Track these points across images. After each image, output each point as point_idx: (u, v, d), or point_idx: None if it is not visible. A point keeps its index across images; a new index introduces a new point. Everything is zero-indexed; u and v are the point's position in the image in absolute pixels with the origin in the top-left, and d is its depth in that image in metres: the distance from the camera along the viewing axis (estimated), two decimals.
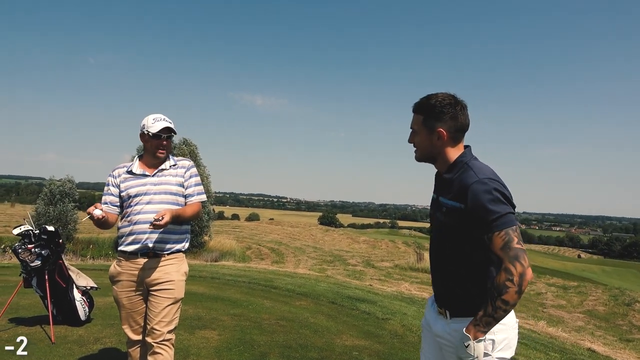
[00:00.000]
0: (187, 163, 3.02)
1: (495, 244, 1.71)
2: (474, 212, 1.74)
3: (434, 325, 2.00)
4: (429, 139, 1.94)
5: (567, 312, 15.35)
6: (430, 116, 1.92)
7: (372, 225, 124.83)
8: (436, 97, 1.92)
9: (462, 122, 1.93)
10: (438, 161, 1.98)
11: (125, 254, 2.83)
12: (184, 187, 2.95)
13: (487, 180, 1.76)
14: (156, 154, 2.88)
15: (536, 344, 5.83)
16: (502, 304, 1.68)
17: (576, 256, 75.86)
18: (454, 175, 1.89)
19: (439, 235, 1.96)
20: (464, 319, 1.83)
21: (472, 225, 1.77)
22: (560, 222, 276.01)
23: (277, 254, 29.66)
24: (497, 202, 1.73)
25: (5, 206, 51.90)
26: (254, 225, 52.81)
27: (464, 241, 1.83)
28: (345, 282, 11.26)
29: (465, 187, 1.78)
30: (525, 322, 8.71)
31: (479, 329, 1.73)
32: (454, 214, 1.83)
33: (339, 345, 4.60)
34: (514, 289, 1.66)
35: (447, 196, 1.89)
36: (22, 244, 4.40)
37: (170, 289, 2.82)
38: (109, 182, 2.92)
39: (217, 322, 5.13)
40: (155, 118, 2.86)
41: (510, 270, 1.66)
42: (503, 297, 1.67)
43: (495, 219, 1.70)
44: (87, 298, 4.82)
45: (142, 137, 2.91)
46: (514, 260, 1.67)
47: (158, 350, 2.79)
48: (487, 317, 1.71)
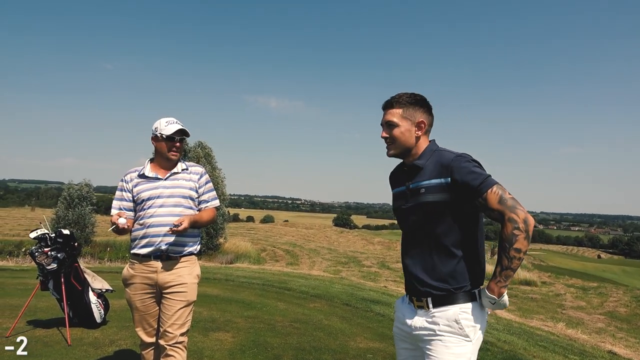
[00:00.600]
0: (199, 169, 3.03)
1: (491, 200, 1.81)
2: (462, 181, 1.85)
3: (411, 321, 1.98)
4: (409, 130, 2.03)
5: (587, 314, 15.06)
6: (410, 109, 2.03)
7: (386, 226, 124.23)
8: (408, 93, 2.06)
9: (433, 118, 2.09)
10: (411, 153, 2.06)
11: (139, 256, 2.84)
12: (198, 192, 2.96)
13: (463, 154, 1.93)
14: (169, 156, 2.89)
15: (555, 347, 5.71)
16: (515, 252, 1.76)
17: (596, 256, 74.56)
18: (426, 161, 2.00)
19: (417, 220, 1.98)
20: (445, 307, 1.89)
21: (461, 194, 1.86)
22: (579, 222, 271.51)
23: (291, 256, 29.71)
24: (478, 168, 1.89)
25: (26, 210, 52.96)
26: (268, 227, 53.02)
27: (447, 215, 1.89)
28: (360, 283, 11.21)
29: (447, 162, 1.90)
30: (544, 324, 8.56)
31: (501, 284, 1.82)
32: (436, 190, 1.90)
33: (353, 348, 4.57)
34: (523, 235, 1.75)
35: (422, 179, 1.97)
36: (39, 247, 4.46)
37: (183, 292, 2.82)
38: (121, 187, 2.93)
39: (231, 324, 5.14)
40: (168, 121, 2.88)
41: (513, 219, 1.76)
42: (515, 246, 1.76)
43: (483, 181, 1.83)
44: (102, 301, 4.86)
45: (154, 140, 2.91)
46: (514, 209, 1.77)
47: (171, 353, 2.79)
48: (505, 269, 1.80)
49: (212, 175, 23.37)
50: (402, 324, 2.04)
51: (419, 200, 1.95)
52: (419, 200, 1.95)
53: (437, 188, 1.90)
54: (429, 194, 1.92)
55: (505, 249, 1.77)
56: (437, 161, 1.95)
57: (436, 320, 1.89)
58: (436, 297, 1.91)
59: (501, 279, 1.82)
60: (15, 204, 75.25)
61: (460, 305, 1.88)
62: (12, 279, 7.72)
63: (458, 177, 1.85)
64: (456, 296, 1.89)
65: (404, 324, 2.03)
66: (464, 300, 1.89)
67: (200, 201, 2.97)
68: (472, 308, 1.89)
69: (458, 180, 1.85)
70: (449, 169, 1.88)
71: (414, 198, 1.98)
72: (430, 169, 1.95)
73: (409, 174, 2.05)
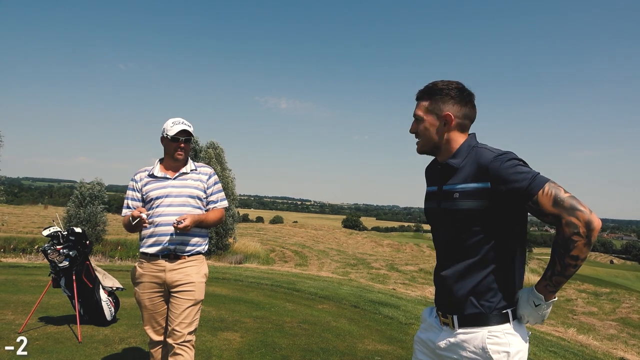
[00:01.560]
0: (208, 170, 3.07)
1: (544, 203, 1.55)
2: (505, 184, 1.60)
3: (437, 338, 1.78)
4: (434, 125, 1.80)
5: (599, 320, 14.87)
6: (437, 100, 1.79)
7: (396, 228, 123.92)
8: (443, 82, 1.80)
9: (470, 109, 1.81)
10: (442, 150, 1.82)
11: (147, 255, 2.87)
12: (207, 193, 2.99)
13: (505, 152, 1.66)
14: (174, 156, 2.93)
15: (566, 352, 5.65)
16: (571, 260, 1.52)
17: (608, 262, 73.63)
18: (462, 160, 1.74)
19: (448, 228, 1.77)
20: (473, 329, 1.67)
21: (506, 200, 1.61)
22: None
23: (300, 257, 29.73)
24: (523, 167, 1.62)
25: (39, 208, 53.61)
26: (277, 228, 53.09)
27: (481, 224, 1.67)
28: (369, 285, 11.18)
29: (485, 164, 1.65)
30: (555, 330, 8.46)
31: (550, 289, 1.60)
32: (472, 196, 1.67)
33: (361, 350, 4.55)
34: (582, 242, 1.49)
35: (456, 181, 1.73)
36: (51, 244, 4.52)
37: (191, 291, 2.85)
38: (131, 187, 2.98)
39: (239, 324, 5.16)
40: (174, 122, 2.92)
41: (572, 222, 1.49)
42: (572, 253, 1.51)
43: (532, 180, 1.57)
44: (113, 299, 4.90)
45: (162, 141, 2.97)
46: (573, 211, 1.50)
47: (179, 352, 2.81)
48: (557, 275, 1.57)
49: (223, 176, 23.49)
50: (426, 337, 1.85)
51: (451, 206, 1.73)
52: (451, 206, 1.73)
53: (474, 194, 1.66)
54: (463, 200, 1.69)
55: (560, 255, 1.54)
56: (475, 161, 1.70)
57: (462, 345, 1.67)
58: (463, 316, 1.69)
59: (550, 283, 1.59)
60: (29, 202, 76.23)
61: (489, 328, 1.64)
62: (25, 276, 7.83)
63: (500, 180, 1.60)
64: (486, 317, 1.65)
65: (428, 338, 1.83)
66: (495, 322, 1.64)
67: (209, 202, 3.00)
68: (505, 331, 1.64)
69: (501, 184, 1.60)
70: (489, 172, 1.63)
71: (446, 202, 1.75)
72: (466, 170, 1.71)
73: (442, 174, 1.82)
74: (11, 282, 7.09)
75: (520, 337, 1.66)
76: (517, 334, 1.65)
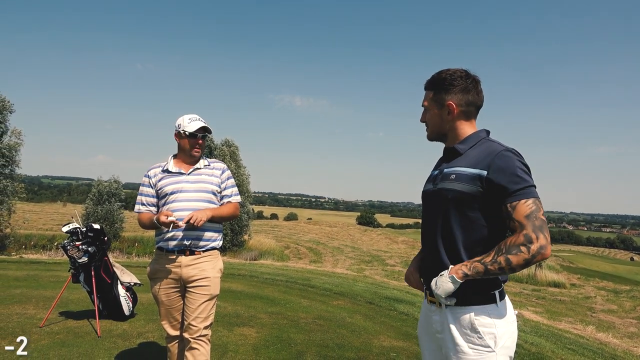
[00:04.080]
0: (221, 165, 3.08)
1: (519, 211, 1.59)
2: (500, 178, 1.62)
3: (431, 321, 1.82)
4: (439, 114, 1.86)
5: (619, 318, 14.60)
6: (440, 90, 1.84)
7: (411, 225, 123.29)
8: (447, 71, 1.85)
9: (474, 96, 1.83)
10: (449, 138, 1.88)
11: (163, 251, 2.89)
12: (220, 188, 3.01)
13: (514, 150, 1.70)
14: (192, 152, 2.94)
15: (584, 350, 5.56)
16: (504, 261, 1.55)
17: (629, 259, 72.22)
18: (468, 147, 1.79)
19: (438, 208, 1.78)
20: (460, 308, 1.70)
21: (490, 193, 1.65)
22: (611, 223, 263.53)
23: (315, 254, 29.78)
24: (525, 173, 1.65)
25: (58, 205, 54.57)
26: (292, 224, 53.22)
27: (473, 208, 1.69)
28: (384, 282, 11.15)
29: (492, 154, 1.68)
30: (573, 327, 8.34)
31: (463, 269, 1.62)
32: (467, 180, 1.69)
33: (377, 346, 4.55)
34: (525, 256, 1.53)
35: (458, 164, 1.77)
36: (71, 241, 4.60)
37: (206, 286, 2.86)
38: (145, 183, 2.98)
39: (255, 320, 5.19)
40: (191, 118, 2.93)
41: (531, 237, 1.54)
42: (509, 256, 1.55)
43: (524, 187, 1.61)
44: (130, 294, 4.97)
45: (177, 136, 2.97)
46: (537, 231, 1.55)
47: (195, 346, 2.85)
48: (480, 263, 1.60)
49: (237, 173, 23.61)
50: (426, 322, 1.89)
51: (445, 185, 1.75)
52: (445, 186, 1.75)
53: (470, 178, 1.68)
54: (458, 182, 1.71)
55: (499, 250, 1.58)
56: (482, 149, 1.73)
57: (451, 324, 1.71)
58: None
59: (469, 265, 1.61)
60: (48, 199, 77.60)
61: (476, 308, 1.68)
62: (45, 272, 7.98)
63: (498, 173, 1.63)
64: (470, 297, 1.68)
65: (427, 323, 1.88)
66: (481, 301, 1.68)
67: (223, 196, 3.02)
68: (491, 311, 1.68)
69: (496, 176, 1.63)
70: (493, 161, 1.65)
71: (443, 182, 1.77)
72: (471, 157, 1.74)
73: (446, 156, 1.88)
74: (32, 277, 7.24)
75: (506, 318, 1.70)
76: (502, 315, 1.70)
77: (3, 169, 18.95)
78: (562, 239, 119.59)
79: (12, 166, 19.48)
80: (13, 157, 19.32)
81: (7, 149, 18.94)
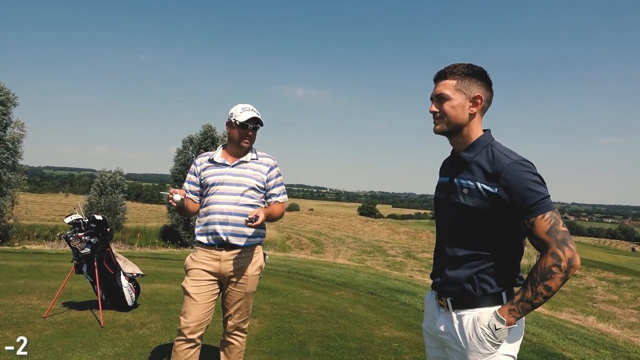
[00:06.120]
0: (271, 161, 2.95)
1: (539, 227, 1.57)
2: (513, 195, 1.60)
3: (437, 321, 1.83)
4: (462, 105, 1.76)
5: (620, 308, 14.65)
6: (466, 80, 1.76)
7: (412, 216, 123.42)
8: (465, 64, 1.79)
9: (491, 94, 1.81)
10: (461, 134, 1.80)
11: (202, 244, 2.80)
12: (267, 185, 2.90)
13: (522, 161, 1.64)
14: (241, 143, 2.84)
15: (585, 340, 5.59)
16: (544, 289, 1.55)
17: (630, 249, 72.27)
18: (474, 156, 1.74)
19: (452, 218, 1.78)
20: (467, 310, 1.70)
21: (506, 209, 1.63)
22: (612, 214, 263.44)
23: (316, 244, 29.86)
24: (537, 184, 1.60)
25: (61, 196, 54.77)
26: (294, 215, 53.32)
27: (489, 224, 1.68)
28: (385, 273, 11.19)
29: (499, 169, 1.64)
30: (574, 317, 8.37)
31: (514, 314, 1.61)
32: (478, 196, 1.67)
33: (379, 337, 4.57)
34: (560, 275, 1.53)
35: (467, 177, 1.73)
36: (73, 232, 4.60)
37: (243, 284, 2.81)
38: (192, 171, 2.92)
39: (257, 311, 5.21)
40: (244, 107, 2.83)
41: (558, 255, 1.53)
42: (547, 282, 1.54)
43: (538, 202, 1.58)
44: (133, 284, 4.99)
45: (228, 126, 2.87)
46: (562, 245, 1.54)
47: (229, 339, 2.89)
48: (525, 302, 1.59)
49: None
50: (430, 321, 1.89)
51: (458, 199, 1.74)
52: (458, 200, 1.74)
53: (481, 194, 1.67)
54: (469, 197, 1.70)
55: (534, 281, 1.56)
56: (488, 161, 1.69)
57: (457, 327, 1.71)
58: (456, 299, 1.73)
59: (517, 308, 1.60)
60: (50, 190, 77.86)
61: (482, 310, 1.67)
62: (48, 262, 8.01)
63: (508, 190, 1.60)
64: (478, 299, 1.68)
65: (431, 322, 1.88)
66: (487, 303, 1.68)
67: (270, 195, 2.91)
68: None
69: (507, 193, 1.61)
70: (501, 177, 1.62)
71: (455, 196, 1.76)
72: (478, 167, 1.71)
73: (455, 166, 1.83)
74: (35, 268, 7.27)
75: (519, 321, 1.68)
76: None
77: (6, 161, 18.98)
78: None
79: (14, 157, 19.54)
80: (16, 149, 19.36)
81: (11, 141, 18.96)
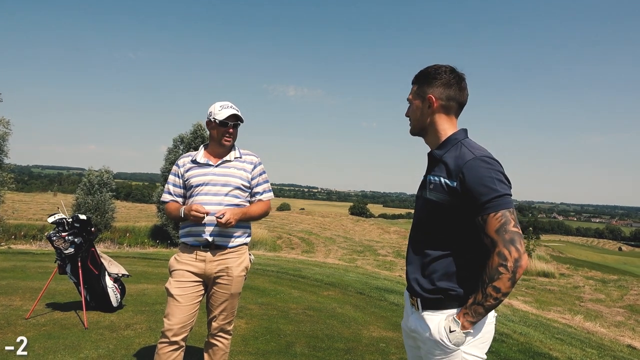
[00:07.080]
0: (255, 159, 2.91)
1: (490, 225, 1.57)
2: (469, 190, 1.61)
3: (409, 320, 1.85)
4: (420, 107, 1.86)
5: (606, 307, 14.79)
6: (423, 83, 1.85)
7: (403, 215, 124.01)
8: (433, 66, 1.85)
9: (455, 92, 1.81)
10: (429, 133, 1.87)
11: (187, 245, 2.76)
12: (251, 183, 2.86)
13: (485, 157, 1.65)
14: (222, 141, 2.79)
15: (572, 339, 5.62)
16: (493, 291, 1.55)
17: (617, 249, 73.23)
18: (444, 152, 1.76)
19: (421, 215, 1.81)
20: (436, 312, 1.71)
21: (465, 204, 1.63)
22: (600, 214, 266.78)
23: (307, 244, 29.84)
24: (494, 182, 1.60)
25: (49, 195, 54.16)
26: (284, 215, 53.22)
27: (453, 221, 1.69)
28: (375, 272, 11.20)
29: (460, 164, 1.65)
30: (561, 317, 8.44)
31: (468, 318, 1.61)
32: (441, 190, 1.70)
33: (366, 337, 4.55)
34: (507, 276, 1.53)
35: (435, 173, 1.76)
36: (57, 232, 4.53)
37: (228, 285, 2.76)
38: (174, 172, 2.87)
39: (244, 311, 5.17)
40: (222, 105, 2.78)
41: (504, 254, 1.53)
42: (494, 283, 1.54)
43: (492, 199, 1.58)
44: (119, 285, 4.93)
45: (208, 125, 2.83)
46: (509, 245, 1.54)
47: (213, 341, 2.85)
48: (477, 305, 1.59)
49: None
50: (405, 319, 1.92)
51: (426, 194, 1.78)
52: (425, 195, 1.78)
53: (443, 188, 1.69)
54: (434, 192, 1.73)
55: (483, 283, 1.57)
56: (455, 156, 1.71)
57: (425, 327, 1.72)
58: (425, 299, 1.73)
59: (469, 311, 1.61)
60: (38, 189, 76.95)
61: (449, 312, 1.69)
62: (33, 262, 7.90)
63: (465, 184, 1.62)
64: (446, 302, 1.69)
65: (404, 325, 1.91)
66: (454, 306, 1.69)
67: (254, 193, 2.87)
68: None
69: (463, 187, 1.62)
70: (460, 171, 1.64)
71: (424, 191, 1.80)
72: (447, 164, 1.72)
73: (429, 163, 1.87)
74: (20, 268, 7.16)
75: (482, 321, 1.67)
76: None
77: None
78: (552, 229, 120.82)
79: (0, 156, 19.26)
80: (1, 147, 19.09)
81: None
